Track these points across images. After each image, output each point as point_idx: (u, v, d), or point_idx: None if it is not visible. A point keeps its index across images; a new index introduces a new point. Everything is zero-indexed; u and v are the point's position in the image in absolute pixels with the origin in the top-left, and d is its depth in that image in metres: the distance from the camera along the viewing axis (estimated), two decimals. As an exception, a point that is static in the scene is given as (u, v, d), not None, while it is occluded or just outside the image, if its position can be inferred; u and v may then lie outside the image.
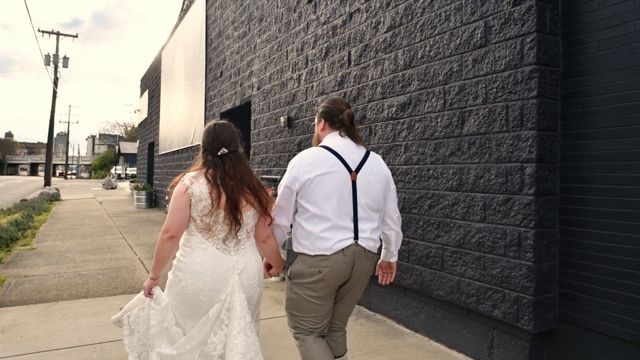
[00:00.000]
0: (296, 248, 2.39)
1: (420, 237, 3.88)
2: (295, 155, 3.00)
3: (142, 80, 21.99)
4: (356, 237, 2.33)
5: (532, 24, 3.00)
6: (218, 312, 2.19)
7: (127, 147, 53.26)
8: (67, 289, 5.37)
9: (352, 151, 2.40)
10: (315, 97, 5.53)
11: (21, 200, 16.80)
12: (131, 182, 20.52)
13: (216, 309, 2.20)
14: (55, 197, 18.96)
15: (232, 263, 2.23)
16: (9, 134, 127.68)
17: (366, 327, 4.15)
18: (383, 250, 2.67)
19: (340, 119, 2.45)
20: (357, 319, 4.37)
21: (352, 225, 2.33)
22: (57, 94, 28.31)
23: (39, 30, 29.40)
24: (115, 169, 56.16)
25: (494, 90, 3.24)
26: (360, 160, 2.40)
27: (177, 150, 12.93)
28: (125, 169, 51.65)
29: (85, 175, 78.46)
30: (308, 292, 2.35)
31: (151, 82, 18.82)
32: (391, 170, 4.21)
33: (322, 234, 2.29)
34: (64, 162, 67.91)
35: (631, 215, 2.70)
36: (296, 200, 2.36)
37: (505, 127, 3.16)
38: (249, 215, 2.28)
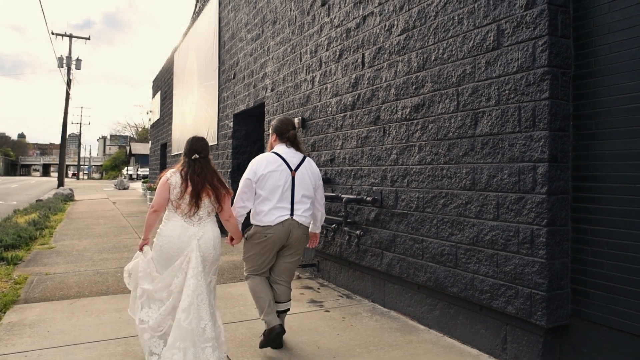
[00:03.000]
0: (252, 221, 3.56)
1: (434, 236, 3.97)
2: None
3: (154, 81, 22.23)
4: (292, 214, 3.52)
5: (544, 27, 3.08)
6: (181, 262, 3.13)
7: (138, 147, 53.76)
8: (88, 286, 5.52)
9: (293, 156, 3.61)
10: (329, 98, 5.63)
11: (37, 201, 17.09)
12: (144, 182, 20.75)
13: (180, 260, 3.13)
14: (69, 198, 19.25)
15: (194, 232, 3.18)
16: (21, 135, 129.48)
17: (381, 323, 4.25)
18: (311, 225, 3.81)
19: (287, 136, 3.65)
20: (372, 315, 4.46)
21: (289, 206, 3.52)
22: (70, 96, 28.69)
23: (52, 33, 29.68)
24: (127, 170, 56.67)
25: (507, 91, 3.32)
26: (298, 162, 3.60)
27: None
28: (137, 170, 52.08)
29: (96, 175, 79.28)
30: (257, 248, 3.55)
31: (163, 84, 19.04)
32: (405, 170, 4.32)
33: (269, 212, 3.48)
34: (75, 163, 68.63)
35: (642, 213, 2.77)
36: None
37: (517, 128, 3.24)
38: (207, 202, 3.23)
